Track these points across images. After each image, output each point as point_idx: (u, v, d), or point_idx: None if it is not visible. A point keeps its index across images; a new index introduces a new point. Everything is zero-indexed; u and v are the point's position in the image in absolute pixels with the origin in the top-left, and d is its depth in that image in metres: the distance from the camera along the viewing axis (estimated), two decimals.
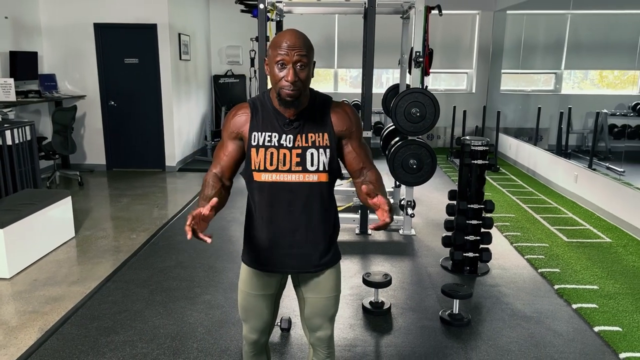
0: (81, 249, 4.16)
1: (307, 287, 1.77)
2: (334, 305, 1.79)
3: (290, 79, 1.49)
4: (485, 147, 3.54)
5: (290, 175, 1.60)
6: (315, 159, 1.59)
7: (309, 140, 1.60)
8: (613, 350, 2.68)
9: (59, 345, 2.70)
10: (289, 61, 1.49)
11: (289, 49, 1.48)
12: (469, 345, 2.74)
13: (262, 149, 1.59)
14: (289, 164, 1.59)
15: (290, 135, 1.59)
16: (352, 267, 3.77)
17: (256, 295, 1.76)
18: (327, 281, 1.75)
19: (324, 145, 1.60)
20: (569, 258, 3.91)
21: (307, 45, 1.52)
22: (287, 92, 1.51)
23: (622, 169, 5.21)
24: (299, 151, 1.59)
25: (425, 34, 4.37)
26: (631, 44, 5.19)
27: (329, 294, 1.76)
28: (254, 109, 1.62)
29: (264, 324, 1.81)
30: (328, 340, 1.83)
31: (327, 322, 1.80)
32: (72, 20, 6.66)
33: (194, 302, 3.21)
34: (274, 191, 1.61)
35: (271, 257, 1.70)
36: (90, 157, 7.09)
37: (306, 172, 1.60)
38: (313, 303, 1.77)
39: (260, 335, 1.83)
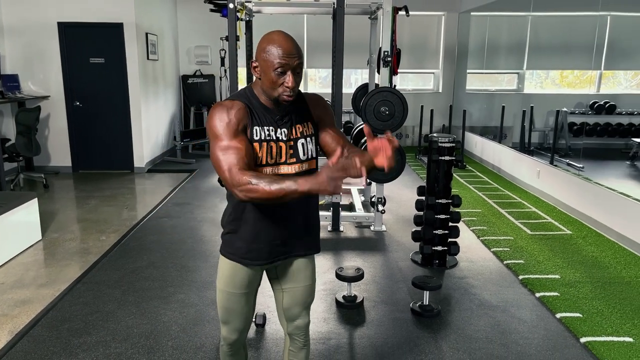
0: (49, 251, 4.08)
1: (285, 278, 1.82)
2: (311, 293, 1.86)
3: (291, 85, 1.53)
4: (452, 144, 3.65)
5: (286, 167, 1.65)
6: (306, 148, 1.67)
7: (298, 132, 1.67)
8: (574, 335, 2.82)
9: (30, 347, 2.66)
10: (289, 68, 1.52)
11: (288, 56, 1.51)
12: (439, 334, 2.83)
13: (265, 143, 1.61)
14: (284, 156, 1.64)
15: (284, 129, 1.64)
16: (325, 263, 3.83)
17: (240, 294, 1.76)
18: (305, 270, 1.82)
19: (309, 134, 1.69)
20: (532, 250, 4.07)
21: (300, 51, 1.56)
22: (286, 97, 1.56)
23: (581, 165, 5.44)
24: (291, 143, 1.65)
25: (393, 34, 4.47)
26: (588, 45, 5.43)
27: (306, 282, 1.83)
28: (248, 104, 1.61)
29: (246, 322, 1.83)
30: (305, 328, 1.89)
31: (305, 310, 1.87)
32: (34, 20, 6.50)
33: (168, 301, 3.20)
34: None
35: (265, 249, 1.71)
36: (55, 159, 6.93)
37: (300, 162, 1.66)
38: (292, 292, 1.83)
39: (240, 335, 1.85)
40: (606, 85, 6.37)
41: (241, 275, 1.73)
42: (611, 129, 6.34)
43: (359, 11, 4.99)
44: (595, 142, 6.33)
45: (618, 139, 6.22)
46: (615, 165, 5.96)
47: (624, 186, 4.71)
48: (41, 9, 6.47)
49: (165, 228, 4.61)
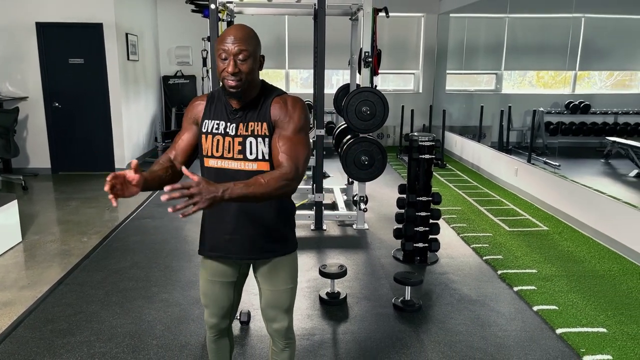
0: (29, 253, 4.04)
1: (262, 278, 1.82)
2: (288, 298, 1.82)
3: (231, 70, 1.56)
4: (432, 143, 3.73)
5: (232, 163, 1.66)
6: (254, 147, 1.64)
7: (249, 129, 1.65)
8: (550, 327, 2.91)
9: (13, 349, 2.65)
10: (230, 53, 1.56)
11: (230, 43, 1.56)
12: (421, 328, 2.89)
13: (210, 136, 1.67)
14: (232, 151, 1.65)
15: (234, 124, 1.66)
16: (309, 261, 3.87)
17: (214, 281, 1.82)
18: (281, 273, 1.79)
19: (262, 134, 1.64)
20: (510, 246, 4.18)
21: (248, 38, 1.58)
22: (229, 82, 1.58)
23: (558, 163, 5.59)
24: (240, 139, 1.65)
25: (374, 35, 4.54)
26: (563, 46, 5.58)
27: (282, 286, 1.80)
28: (210, 99, 1.73)
29: (222, 309, 1.86)
30: (285, 331, 1.87)
31: (282, 313, 1.83)
32: (12, 19, 6.40)
33: (152, 300, 3.21)
34: (218, 177, 1.63)
35: (217, 243, 1.77)
36: (33, 160, 6.84)
37: (246, 160, 1.65)
38: (267, 295, 1.82)
39: (219, 320, 1.88)
40: (581, 86, 6.55)
41: (213, 264, 1.82)
42: (586, 128, 6.51)
43: (340, 12, 5.05)
44: (571, 141, 6.50)
45: (593, 138, 6.40)
46: (591, 164, 6.12)
47: (598, 183, 4.85)
48: (19, 9, 6.38)
49: (148, 229, 4.59)
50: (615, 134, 6.29)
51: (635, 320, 2.97)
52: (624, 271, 3.67)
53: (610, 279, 3.54)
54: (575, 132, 6.59)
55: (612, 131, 6.34)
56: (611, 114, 6.43)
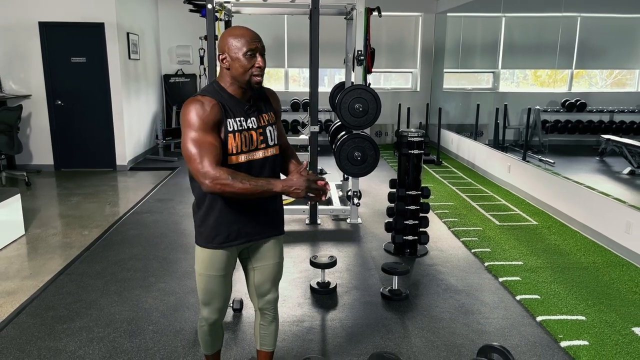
0: (32, 246, 4.17)
1: (256, 257, 1.98)
2: (279, 271, 2.04)
3: (263, 65, 1.72)
4: (421, 138, 3.84)
5: (259, 152, 1.82)
6: (272, 134, 1.87)
7: (265, 120, 1.86)
8: (531, 315, 3.02)
9: (16, 334, 2.77)
10: (258, 51, 1.71)
11: (255, 41, 1.71)
12: (406, 315, 3.01)
13: (238, 134, 1.75)
14: (256, 142, 1.81)
15: (253, 118, 1.81)
16: (302, 254, 3.99)
17: (220, 276, 1.89)
18: (274, 249, 1.99)
19: (272, 122, 1.89)
20: (499, 239, 4.28)
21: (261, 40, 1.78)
22: (257, 78, 1.73)
23: (553, 161, 5.69)
24: (260, 130, 1.83)
25: (367, 34, 4.65)
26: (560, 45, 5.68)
27: (275, 260, 2.00)
28: (219, 99, 1.73)
29: (225, 302, 1.97)
30: (275, 302, 2.07)
31: (274, 286, 2.04)
32: (15, 19, 6.55)
33: (149, 290, 3.33)
34: (250, 169, 1.77)
35: (246, 229, 1.86)
36: (36, 157, 6.98)
37: (268, 147, 1.85)
38: (262, 270, 1.99)
39: (220, 315, 1.99)
40: (580, 84, 6.64)
41: (220, 259, 1.86)
42: (582, 126, 6.61)
43: (335, 12, 5.15)
44: (567, 138, 6.60)
45: (589, 136, 6.49)
46: (586, 161, 6.22)
47: (592, 180, 4.95)
48: (22, 8, 6.52)
49: (147, 223, 4.72)
50: (610, 131, 6.38)
51: (614, 309, 3.08)
52: (608, 263, 3.78)
53: (593, 271, 3.64)
54: (571, 130, 6.69)
55: (607, 129, 6.43)
56: (607, 112, 6.53)
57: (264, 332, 2.10)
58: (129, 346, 2.66)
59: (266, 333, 2.10)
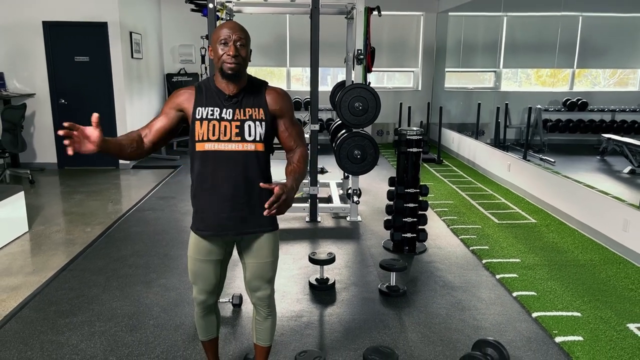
0: (35, 242, 4.23)
1: (247, 254, 2.01)
2: (270, 269, 2.03)
3: (232, 52, 1.76)
4: (419, 136, 3.87)
5: (230, 145, 1.83)
6: (253, 130, 1.84)
7: (247, 114, 1.85)
8: (527, 311, 3.05)
9: (19, 328, 2.83)
10: (231, 39, 1.78)
11: (230, 30, 1.79)
12: (403, 311, 3.05)
13: (205, 122, 1.83)
14: (229, 134, 1.83)
15: (230, 110, 1.84)
16: (302, 251, 4.03)
17: (202, 260, 1.98)
18: (265, 248, 1.99)
19: (259, 118, 1.86)
20: (497, 237, 4.31)
21: (244, 30, 1.82)
22: (228, 65, 1.78)
23: (553, 160, 5.71)
24: (237, 123, 1.83)
25: (367, 34, 4.68)
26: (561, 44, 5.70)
27: (265, 259, 2.01)
28: (199, 89, 1.88)
29: (210, 286, 2.03)
30: (267, 299, 2.08)
31: (265, 283, 2.05)
32: (19, 19, 6.61)
33: (150, 285, 3.38)
34: (216, 159, 1.84)
35: (214, 222, 1.91)
36: (40, 155, 7.05)
37: (245, 141, 1.84)
38: (252, 267, 2.02)
39: (207, 297, 2.05)
40: (582, 83, 6.65)
41: (201, 244, 1.97)
42: (583, 126, 6.63)
43: (336, 11, 5.19)
44: (569, 138, 6.61)
45: (591, 135, 6.50)
46: (587, 160, 6.23)
47: (593, 179, 4.96)
48: (26, 8, 6.58)
49: (149, 220, 4.77)
50: (612, 131, 6.39)
51: (610, 306, 3.11)
52: (605, 261, 3.80)
53: (590, 268, 3.67)
54: (573, 129, 6.70)
55: (609, 128, 6.45)
56: (608, 111, 6.54)
57: (259, 327, 2.14)
58: (129, 340, 2.71)
59: (261, 328, 2.14)
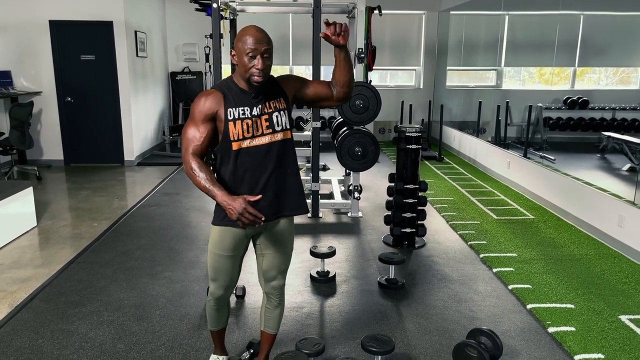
0: (44, 236, 4.33)
1: (265, 244, 2.12)
2: (286, 260, 2.17)
3: (260, 67, 1.84)
4: (418, 133, 3.96)
5: (263, 138, 1.94)
6: (280, 120, 1.97)
7: (272, 106, 1.97)
8: (522, 303, 3.14)
9: (30, 317, 2.93)
10: (258, 52, 1.84)
11: (257, 43, 1.83)
12: (402, 303, 3.14)
13: (239, 122, 1.90)
14: (261, 129, 1.94)
15: (258, 105, 1.94)
16: (303, 245, 4.12)
17: (227, 256, 2.06)
18: (287, 236, 2.13)
19: (282, 108, 1.99)
20: (495, 232, 4.40)
21: (269, 39, 1.89)
22: (256, 78, 1.86)
23: (553, 158, 5.78)
24: (266, 117, 1.95)
25: (368, 33, 4.77)
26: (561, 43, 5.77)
27: (286, 249, 2.15)
28: (224, 92, 1.92)
29: (231, 282, 2.14)
30: (280, 289, 2.21)
31: (281, 273, 2.18)
32: (26, 17, 6.72)
33: (156, 278, 3.48)
34: (251, 154, 1.93)
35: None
36: (47, 152, 7.16)
37: (274, 132, 1.96)
38: (270, 257, 2.14)
39: (225, 292, 2.16)
40: (583, 82, 6.71)
41: (229, 239, 2.02)
42: (584, 124, 6.69)
43: (338, 10, 5.26)
44: (569, 136, 6.68)
45: (591, 133, 6.57)
46: (587, 158, 6.30)
47: (592, 176, 5.02)
48: (33, 7, 6.69)
49: (154, 215, 4.88)
50: (612, 129, 6.45)
51: (603, 299, 3.19)
52: (600, 255, 3.88)
53: (585, 262, 3.75)
54: (574, 128, 6.77)
55: (609, 126, 6.51)
56: (609, 109, 6.60)
57: (269, 315, 2.25)
58: (137, 329, 2.81)
59: (270, 316, 2.25)
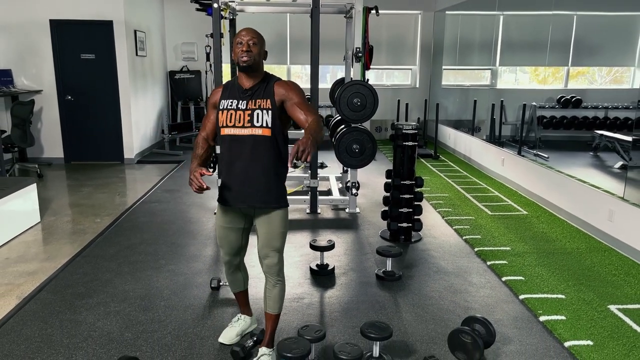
0: (48, 232, 4.42)
1: (260, 224, 2.35)
2: (278, 239, 2.34)
3: (245, 48, 2.17)
4: (415, 131, 4.07)
5: (243, 130, 2.23)
6: (260, 117, 2.22)
7: (256, 104, 2.24)
8: (514, 293, 3.25)
9: (38, 308, 3.02)
10: (244, 39, 2.20)
11: (245, 35, 2.22)
12: (399, 294, 3.25)
13: (225, 111, 2.25)
14: (242, 121, 2.23)
15: (244, 101, 2.25)
16: (303, 240, 4.23)
17: (226, 227, 2.39)
18: (274, 221, 2.33)
19: (266, 107, 2.23)
20: (490, 227, 4.51)
21: (257, 34, 2.25)
22: (242, 58, 2.17)
23: (547, 156, 5.90)
24: (249, 112, 2.23)
25: (365, 32, 4.87)
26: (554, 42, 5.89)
27: (275, 230, 2.33)
28: (225, 87, 2.34)
29: (234, 249, 2.46)
30: (275, 267, 2.36)
31: (273, 252, 2.34)
32: (27, 17, 6.79)
33: (160, 271, 3.58)
34: (232, 142, 2.25)
35: (232, 194, 2.30)
36: (47, 150, 7.23)
37: (253, 127, 2.22)
38: (262, 237, 2.35)
39: (232, 258, 2.48)
40: (577, 81, 6.83)
41: (226, 214, 2.38)
42: (577, 122, 6.81)
43: (335, 10, 5.37)
44: (563, 134, 6.79)
45: (584, 132, 6.69)
46: (580, 156, 6.42)
47: (585, 174, 5.13)
48: (33, 6, 6.76)
49: (156, 211, 4.97)
50: (605, 127, 6.58)
51: (593, 289, 3.30)
52: (591, 249, 4.00)
53: (576, 255, 3.87)
54: (567, 126, 6.89)
55: (602, 125, 6.63)
56: (602, 108, 6.72)
57: (269, 295, 2.41)
58: (143, 318, 2.90)
59: (270, 296, 2.40)
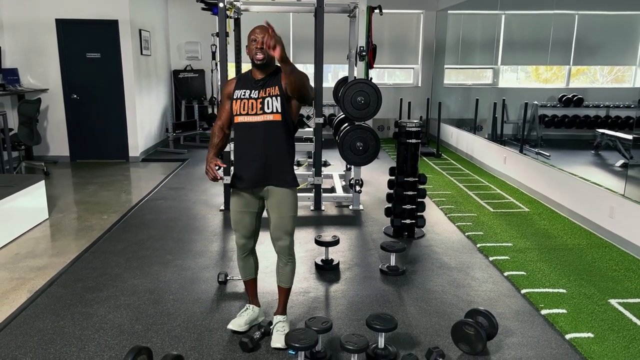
0: (56, 228, 4.48)
1: (271, 208, 2.54)
2: (289, 222, 2.53)
3: (259, 46, 2.32)
4: (418, 128, 4.12)
5: (256, 117, 2.43)
6: (270, 104, 2.41)
7: (267, 92, 2.43)
8: (516, 288, 3.31)
9: (49, 302, 3.08)
10: (258, 37, 2.34)
11: (258, 33, 2.36)
12: (402, 288, 3.30)
13: (239, 100, 2.45)
14: (255, 109, 2.42)
15: (256, 90, 2.44)
16: (307, 236, 4.28)
17: (240, 211, 2.57)
18: (285, 205, 2.51)
19: (275, 94, 2.42)
20: (492, 224, 4.57)
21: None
22: (257, 56, 2.35)
23: (548, 154, 5.95)
24: (260, 100, 2.42)
25: (369, 32, 4.92)
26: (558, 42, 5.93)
27: (285, 214, 2.52)
28: (239, 79, 2.53)
29: (249, 232, 2.61)
30: (287, 248, 2.57)
31: (285, 234, 2.54)
32: (33, 16, 6.86)
33: (167, 266, 3.64)
34: (246, 128, 2.45)
35: (247, 177, 2.48)
36: (53, 149, 7.30)
37: (265, 113, 2.42)
38: (275, 221, 2.53)
39: (246, 241, 2.64)
40: (579, 80, 6.87)
41: (239, 198, 2.56)
42: (579, 121, 6.86)
43: (339, 10, 5.42)
44: (565, 133, 6.84)
45: (586, 131, 6.73)
46: (581, 154, 6.46)
47: (586, 172, 5.18)
48: (39, 6, 6.83)
49: (162, 208, 5.03)
50: (606, 126, 6.63)
51: (594, 284, 3.36)
52: (592, 245, 4.06)
53: (577, 251, 3.93)
54: (569, 125, 6.94)
55: (603, 124, 6.68)
56: (603, 107, 6.77)
57: (281, 272, 2.64)
58: (152, 311, 2.97)
59: (282, 272, 2.64)
